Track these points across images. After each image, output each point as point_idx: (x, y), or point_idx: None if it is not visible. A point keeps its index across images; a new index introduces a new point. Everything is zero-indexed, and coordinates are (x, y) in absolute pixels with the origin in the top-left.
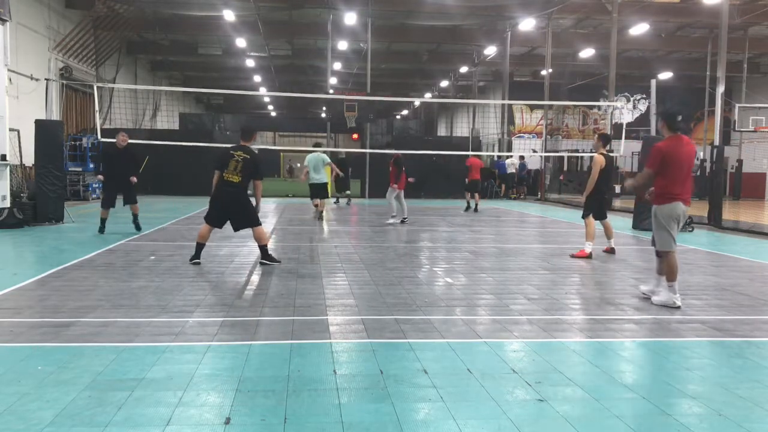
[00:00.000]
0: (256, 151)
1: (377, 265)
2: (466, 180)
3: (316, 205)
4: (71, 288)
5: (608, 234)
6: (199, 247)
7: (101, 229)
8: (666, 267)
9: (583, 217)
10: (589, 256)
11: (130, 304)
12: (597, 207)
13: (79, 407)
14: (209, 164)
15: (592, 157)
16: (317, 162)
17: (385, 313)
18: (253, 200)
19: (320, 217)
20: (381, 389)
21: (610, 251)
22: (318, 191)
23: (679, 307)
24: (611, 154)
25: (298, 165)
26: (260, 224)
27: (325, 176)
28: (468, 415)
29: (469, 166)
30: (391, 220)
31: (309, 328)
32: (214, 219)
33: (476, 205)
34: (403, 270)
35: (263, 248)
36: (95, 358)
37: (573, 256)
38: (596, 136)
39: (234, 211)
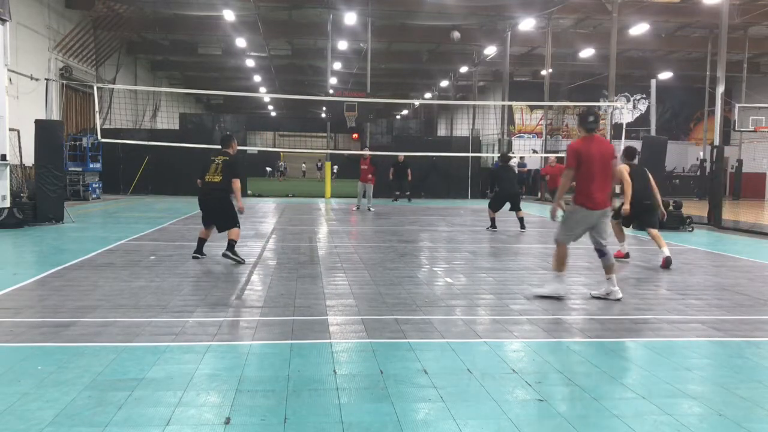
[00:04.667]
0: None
1: (377, 265)
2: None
3: None
4: (71, 288)
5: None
6: (200, 242)
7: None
8: (555, 256)
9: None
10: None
11: (130, 304)
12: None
13: (79, 407)
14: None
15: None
16: None
17: (385, 313)
18: (235, 202)
19: None
20: (381, 389)
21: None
22: None
23: (562, 298)
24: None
25: (304, 165)
26: (238, 226)
27: None
28: (468, 415)
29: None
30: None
31: (309, 328)
32: (205, 219)
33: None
34: (403, 270)
35: (231, 242)
36: (95, 358)
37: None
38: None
39: (216, 211)
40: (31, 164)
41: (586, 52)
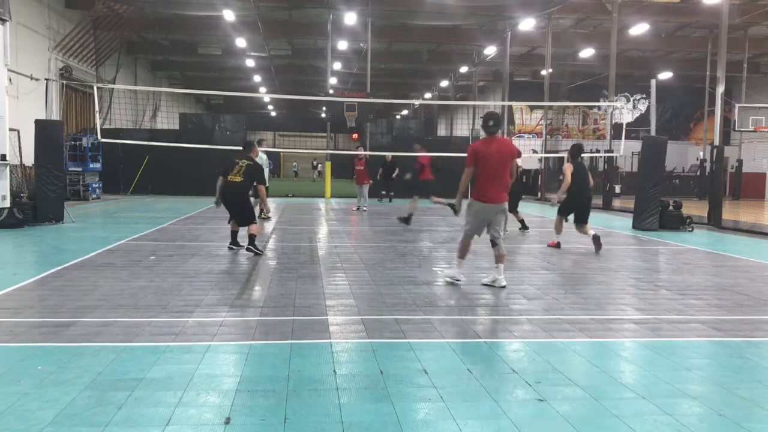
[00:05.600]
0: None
1: (377, 265)
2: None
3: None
4: (71, 288)
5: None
6: (233, 234)
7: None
8: (460, 245)
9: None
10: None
11: (130, 304)
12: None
13: (79, 407)
14: (209, 164)
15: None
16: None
17: (385, 313)
18: (252, 200)
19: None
20: (381, 389)
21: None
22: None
23: (459, 281)
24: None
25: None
26: (255, 223)
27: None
28: (468, 415)
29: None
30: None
31: (309, 328)
32: (229, 214)
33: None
34: (403, 270)
35: (251, 236)
36: (95, 358)
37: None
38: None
39: (235, 206)
40: (31, 164)
41: (586, 52)
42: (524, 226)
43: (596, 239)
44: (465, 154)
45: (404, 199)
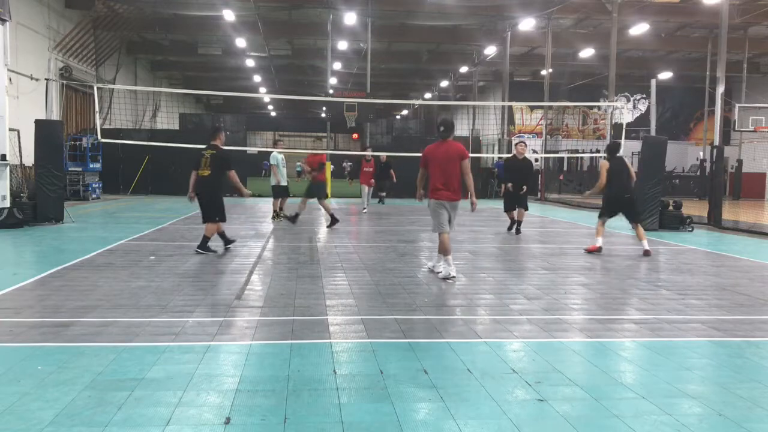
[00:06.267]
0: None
1: (377, 265)
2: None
3: (281, 208)
4: (71, 288)
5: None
6: (220, 236)
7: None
8: (440, 245)
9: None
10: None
11: (130, 304)
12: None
13: (79, 407)
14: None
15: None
16: (279, 163)
17: (385, 313)
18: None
19: (276, 217)
20: (381, 389)
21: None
22: (280, 192)
23: (454, 278)
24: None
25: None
26: (217, 221)
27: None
28: (468, 415)
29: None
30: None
31: (309, 328)
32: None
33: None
34: (403, 270)
35: (204, 238)
36: (95, 358)
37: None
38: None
39: (203, 200)
40: (31, 164)
41: (586, 52)
42: (512, 227)
43: (646, 254)
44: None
45: (401, 200)
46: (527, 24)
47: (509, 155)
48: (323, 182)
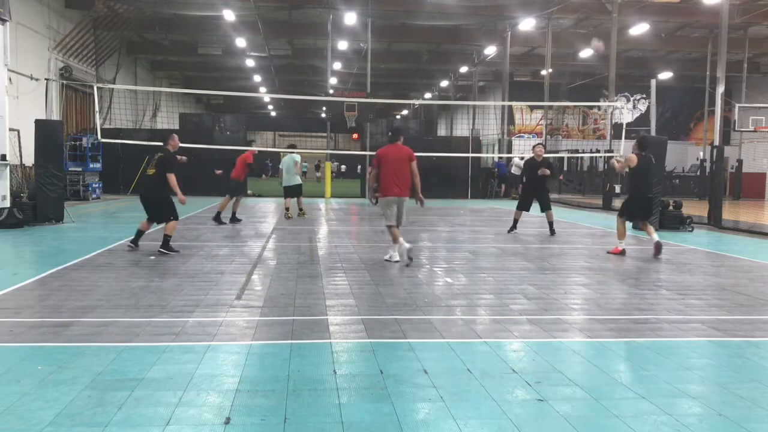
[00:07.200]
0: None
1: (377, 265)
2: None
3: (287, 208)
4: (71, 288)
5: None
6: (138, 233)
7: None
8: (390, 235)
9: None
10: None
11: (130, 304)
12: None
13: (79, 407)
14: (209, 165)
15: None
16: (289, 164)
17: (385, 313)
18: (175, 199)
19: (289, 217)
20: (381, 389)
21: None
22: (291, 192)
23: (398, 261)
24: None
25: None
26: (172, 219)
27: (296, 177)
28: (468, 415)
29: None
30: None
31: (309, 328)
32: (145, 210)
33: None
34: (403, 270)
35: (166, 237)
36: (95, 358)
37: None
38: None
39: (150, 203)
40: (31, 164)
41: (586, 52)
42: (514, 227)
43: (658, 247)
44: (464, 155)
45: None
46: (527, 24)
47: (527, 156)
48: (239, 180)
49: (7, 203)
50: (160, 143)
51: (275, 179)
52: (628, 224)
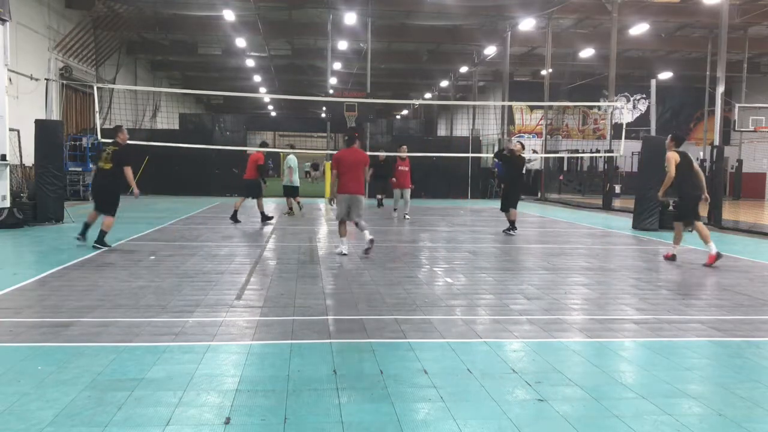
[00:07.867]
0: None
1: (377, 265)
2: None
3: (291, 207)
4: (71, 288)
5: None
6: (85, 225)
7: None
8: (339, 229)
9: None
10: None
11: (130, 304)
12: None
13: (79, 407)
14: (209, 164)
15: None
16: (296, 163)
17: (385, 313)
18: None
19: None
20: (381, 389)
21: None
22: (291, 192)
23: (346, 255)
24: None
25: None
26: (113, 215)
27: (295, 177)
28: (468, 415)
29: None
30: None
31: (309, 328)
32: (95, 202)
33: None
34: (403, 270)
35: (101, 232)
36: (95, 358)
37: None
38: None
39: (101, 195)
40: (31, 164)
41: (586, 52)
42: (513, 227)
43: (717, 256)
44: (464, 155)
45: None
46: (527, 24)
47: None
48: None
49: (7, 203)
50: (160, 144)
51: (276, 179)
52: (627, 225)
